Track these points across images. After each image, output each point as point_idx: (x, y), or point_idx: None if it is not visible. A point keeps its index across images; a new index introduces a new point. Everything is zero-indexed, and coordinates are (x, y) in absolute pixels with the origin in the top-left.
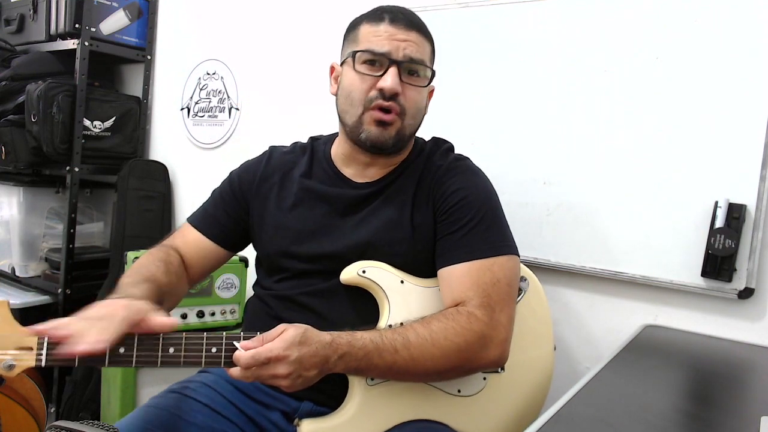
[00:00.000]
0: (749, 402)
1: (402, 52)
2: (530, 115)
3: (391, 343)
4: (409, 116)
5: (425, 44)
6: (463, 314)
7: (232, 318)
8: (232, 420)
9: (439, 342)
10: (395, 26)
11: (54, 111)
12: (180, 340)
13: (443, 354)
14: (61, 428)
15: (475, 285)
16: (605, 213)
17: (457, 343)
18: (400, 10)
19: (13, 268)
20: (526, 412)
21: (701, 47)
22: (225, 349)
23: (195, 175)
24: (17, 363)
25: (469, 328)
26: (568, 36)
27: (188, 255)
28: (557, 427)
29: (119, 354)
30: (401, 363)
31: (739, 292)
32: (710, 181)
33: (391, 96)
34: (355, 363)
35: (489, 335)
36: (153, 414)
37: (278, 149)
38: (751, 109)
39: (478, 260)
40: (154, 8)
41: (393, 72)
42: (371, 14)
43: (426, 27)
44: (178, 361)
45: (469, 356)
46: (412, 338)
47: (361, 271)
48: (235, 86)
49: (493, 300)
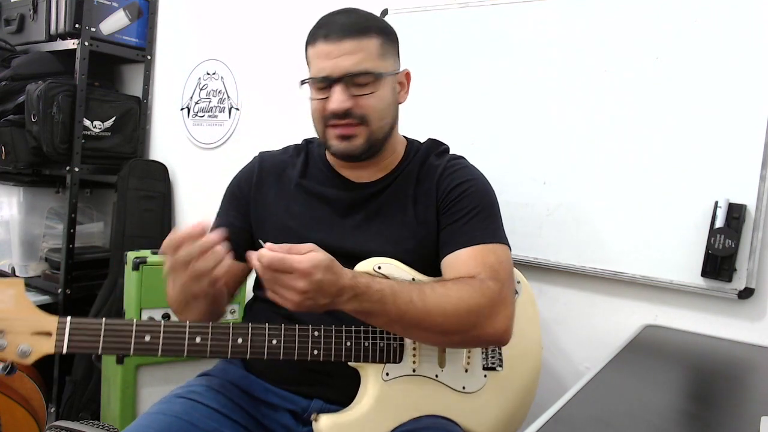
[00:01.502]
0: (749, 402)
1: (339, 69)
2: (530, 115)
3: (408, 292)
4: (375, 120)
5: (365, 45)
6: (476, 281)
7: (232, 318)
8: (241, 424)
9: (453, 299)
10: (329, 42)
11: (54, 111)
12: (207, 330)
13: (455, 312)
14: (61, 428)
15: (482, 263)
16: (605, 213)
17: (470, 305)
18: (334, 19)
19: (13, 268)
20: (520, 408)
21: (701, 47)
22: (251, 340)
23: (195, 175)
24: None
25: (482, 293)
26: (568, 36)
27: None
28: (557, 427)
29: (145, 342)
30: (413, 313)
31: (739, 292)
32: (710, 181)
33: (344, 114)
34: (369, 304)
35: (499, 305)
36: (163, 421)
37: (267, 153)
38: (751, 109)
39: (482, 245)
40: (154, 8)
41: (336, 91)
42: (311, 32)
43: (366, 22)
44: (205, 351)
45: (479, 320)
46: (428, 292)
47: (376, 267)
48: (235, 86)
49: (501, 276)
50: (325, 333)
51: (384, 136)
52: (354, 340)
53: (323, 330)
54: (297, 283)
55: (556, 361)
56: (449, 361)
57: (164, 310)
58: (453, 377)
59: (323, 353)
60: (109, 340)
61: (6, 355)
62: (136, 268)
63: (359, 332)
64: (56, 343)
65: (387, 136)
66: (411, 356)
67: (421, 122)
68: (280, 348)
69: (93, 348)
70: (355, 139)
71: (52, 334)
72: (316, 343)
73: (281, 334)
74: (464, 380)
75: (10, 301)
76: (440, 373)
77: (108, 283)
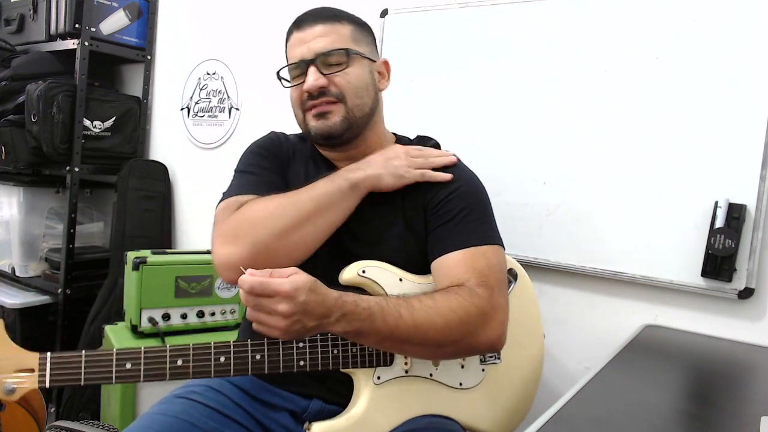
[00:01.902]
0: (749, 402)
1: (312, 50)
2: (530, 115)
3: (396, 307)
4: (352, 96)
5: (337, 29)
6: (465, 290)
7: (232, 318)
8: (241, 423)
9: (442, 311)
10: (302, 30)
11: (54, 111)
12: (188, 352)
13: (446, 324)
14: (61, 428)
15: (472, 268)
16: (605, 213)
17: (460, 315)
18: (308, 12)
19: (13, 268)
20: (522, 401)
21: (701, 47)
22: (234, 357)
23: (195, 175)
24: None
25: (471, 302)
26: (568, 36)
27: None
28: (557, 427)
29: (126, 369)
30: (404, 329)
31: (739, 292)
32: (710, 181)
33: (319, 93)
34: (358, 323)
35: (490, 312)
36: (163, 421)
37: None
38: (751, 109)
39: (472, 248)
40: (154, 8)
41: (310, 71)
42: (287, 30)
43: (338, 12)
44: (187, 373)
45: (471, 330)
46: (416, 305)
47: (360, 271)
48: (235, 86)
49: (491, 282)
50: (310, 342)
51: (363, 117)
52: (341, 347)
53: (308, 340)
54: (280, 307)
55: (556, 361)
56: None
57: (164, 310)
58: (448, 374)
59: (309, 363)
60: (91, 371)
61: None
62: (136, 268)
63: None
64: (39, 378)
65: (367, 118)
66: (402, 358)
67: (421, 122)
68: (264, 362)
69: (75, 380)
70: (331, 115)
71: (35, 370)
72: (301, 354)
73: (265, 348)
74: (460, 376)
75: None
76: (434, 372)
77: (108, 283)
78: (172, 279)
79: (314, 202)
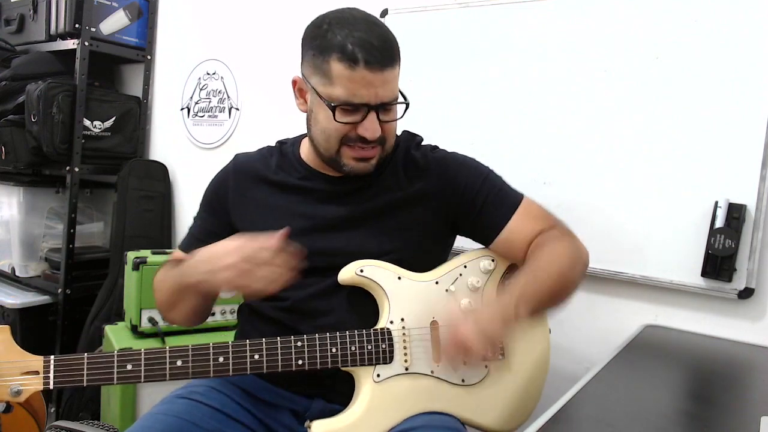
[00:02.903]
0: (749, 402)
1: (379, 98)
2: (530, 115)
3: (525, 276)
4: (389, 141)
5: (396, 73)
6: (544, 237)
7: (232, 318)
8: (244, 423)
9: (552, 250)
10: (371, 70)
11: (54, 111)
12: (187, 352)
13: (561, 253)
14: (61, 428)
15: (533, 220)
16: (605, 213)
17: (564, 245)
18: (372, 45)
19: (13, 268)
20: (527, 398)
21: (701, 47)
22: (233, 357)
23: (195, 175)
24: (24, 388)
25: (558, 235)
26: (568, 36)
27: None
28: (557, 427)
29: (127, 371)
30: (548, 283)
31: (739, 292)
32: (710, 181)
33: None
34: (531, 295)
35: (571, 234)
36: (165, 421)
37: (242, 156)
38: (751, 109)
39: (517, 207)
40: (154, 8)
41: (372, 119)
42: (343, 49)
43: (395, 48)
44: (187, 373)
45: (577, 245)
46: (533, 267)
47: (359, 270)
48: (235, 86)
49: (553, 219)
50: (308, 342)
51: (388, 156)
52: (339, 346)
53: (306, 339)
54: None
55: (556, 361)
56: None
57: None
58: (450, 371)
59: (308, 362)
60: (93, 372)
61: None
62: (136, 268)
63: (344, 337)
64: (43, 380)
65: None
66: (402, 355)
67: (421, 122)
68: (262, 362)
69: (78, 381)
70: (372, 160)
71: (40, 373)
72: (299, 353)
73: (263, 348)
74: (463, 373)
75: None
76: (436, 369)
77: (108, 283)
78: None
79: (169, 290)
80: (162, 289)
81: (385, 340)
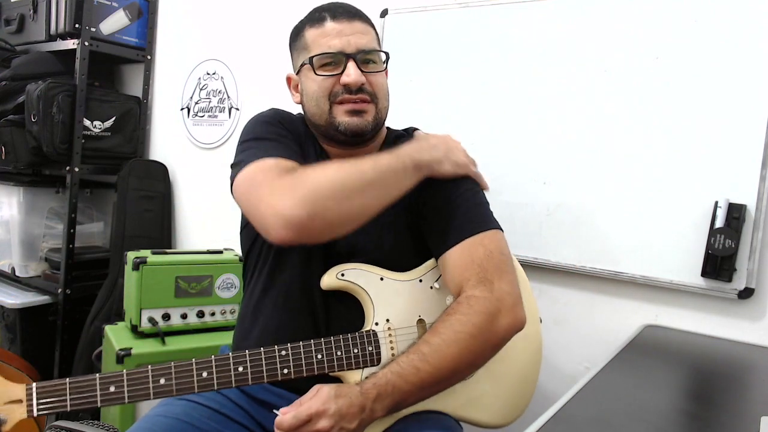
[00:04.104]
0: (749, 402)
1: (353, 45)
2: (530, 115)
3: (409, 364)
4: (381, 99)
5: (370, 30)
6: (462, 302)
7: (232, 318)
8: (242, 424)
9: (450, 339)
10: (338, 22)
11: (54, 111)
12: (170, 370)
13: (460, 348)
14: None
15: (470, 263)
16: (605, 213)
17: (468, 332)
18: (337, 5)
19: (13, 268)
20: (521, 392)
21: (701, 47)
22: (216, 371)
23: (195, 175)
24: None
25: (472, 312)
26: (568, 36)
27: None
28: (557, 427)
29: (110, 393)
30: (428, 378)
31: (739, 292)
32: (710, 181)
33: (357, 89)
34: (390, 399)
35: (494, 309)
36: (164, 423)
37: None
38: (751, 109)
39: (468, 238)
40: (154, 8)
41: (352, 65)
42: (311, 17)
43: (363, 12)
44: (171, 391)
45: (485, 336)
46: (426, 351)
47: (339, 274)
48: (235, 86)
49: (490, 272)
50: (293, 350)
51: (384, 120)
52: (325, 351)
53: (290, 347)
54: (321, 425)
55: (557, 360)
56: None
57: (164, 310)
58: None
59: (294, 370)
60: (76, 397)
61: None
62: (136, 268)
63: (329, 343)
64: (27, 408)
65: (384, 121)
66: (389, 356)
67: (421, 122)
68: (247, 374)
69: (62, 406)
70: (365, 115)
71: (23, 401)
72: (284, 362)
73: (247, 360)
74: None
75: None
76: None
77: (108, 283)
78: (172, 279)
79: (377, 173)
80: (350, 171)
81: (371, 342)
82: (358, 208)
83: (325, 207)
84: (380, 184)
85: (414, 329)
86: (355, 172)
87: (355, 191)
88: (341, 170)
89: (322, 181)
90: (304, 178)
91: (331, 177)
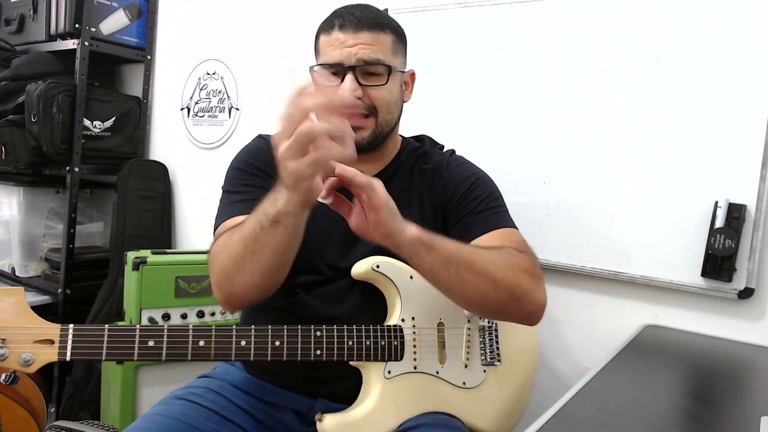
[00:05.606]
0: (749, 402)
1: (354, 57)
2: (530, 115)
3: (457, 242)
4: (383, 112)
5: (381, 39)
6: (512, 250)
7: (232, 318)
8: (241, 425)
9: (496, 256)
10: (344, 32)
11: (54, 111)
12: (210, 333)
13: (502, 264)
14: (61, 428)
15: (508, 242)
16: (605, 213)
17: (513, 263)
18: (350, 11)
19: (13, 268)
20: (519, 402)
21: (701, 47)
22: (255, 342)
23: (195, 175)
24: (36, 358)
25: (521, 258)
26: (568, 36)
27: None
28: (557, 427)
29: (149, 347)
30: (467, 254)
31: (739, 292)
32: (710, 181)
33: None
34: (428, 237)
35: (537, 275)
36: (162, 422)
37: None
38: (751, 109)
39: (502, 228)
40: (154, 8)
41: (348, 79)
42: (325, 22)
43: (382, 19)
44: (209, 354)
45: (523, 281)
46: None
47: (375, 266)
48: (235, 86)
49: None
50: (327, 333)
51: (389, 132)
52: (356, 339)
53: (325, 330)
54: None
55: (557, 360)
56: (449, 357)
57: (164, 311)
58: (453, 373)
59: (326, 353)
60: (113, 346)
61: (8, 364)
62: (136, 268)
63: (360, 331)
64: (59, 350)
65: (391, 132)
66: (411, 353)
67: (421, 122)
68: (283, 349)
69: (96, 354)
70: (361, 131)
71: (55, 342)
72: (318, 343)
73: (284, 335)
74: (464, 376)
75: (11, 309)
76: (440, 370)
77: (108, 283)
78: (172, 279)
79: (243, 243)
80: (231, 246)
81: (397, 337)
82: (249, 275)
83: (231, 286)
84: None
85: (434, 331)
86: (236, 242)
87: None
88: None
89: (221, 260)
90: (213, 261)
91: (225, 246)
